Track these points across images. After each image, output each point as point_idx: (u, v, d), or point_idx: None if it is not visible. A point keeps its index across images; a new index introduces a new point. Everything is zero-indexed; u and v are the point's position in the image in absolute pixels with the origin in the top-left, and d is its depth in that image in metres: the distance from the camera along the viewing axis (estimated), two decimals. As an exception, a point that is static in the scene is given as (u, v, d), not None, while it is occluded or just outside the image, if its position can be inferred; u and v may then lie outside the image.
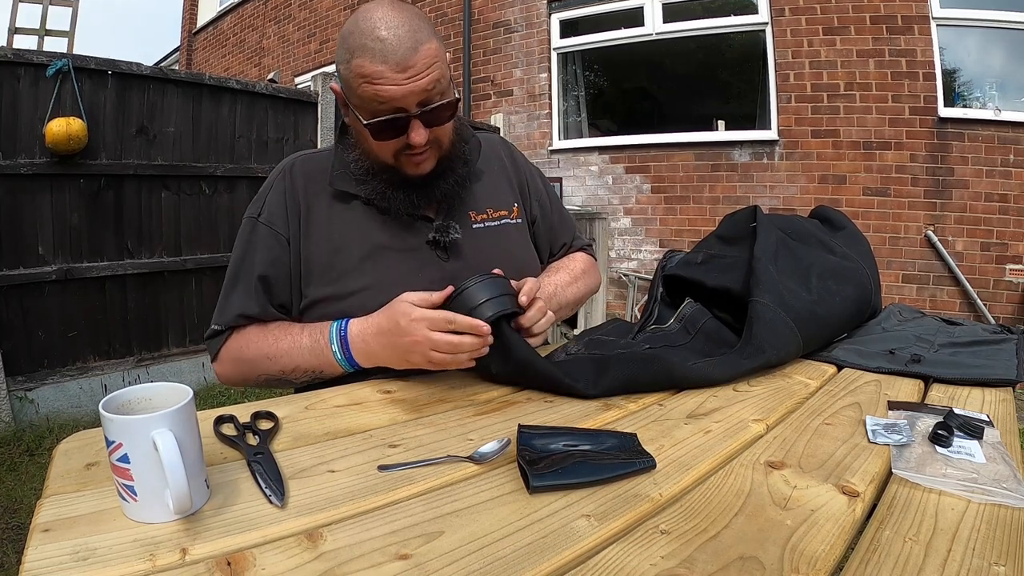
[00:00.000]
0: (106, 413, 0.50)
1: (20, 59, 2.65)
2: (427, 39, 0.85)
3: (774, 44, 4.39)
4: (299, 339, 0.91)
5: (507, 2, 5.53)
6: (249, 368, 0.94)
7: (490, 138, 1.15)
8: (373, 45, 0.82)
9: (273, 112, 3.60)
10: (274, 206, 0.98)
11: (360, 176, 0.96)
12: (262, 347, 0.93)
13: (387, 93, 0.84)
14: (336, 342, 0.88)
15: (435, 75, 0.85)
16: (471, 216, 1.03)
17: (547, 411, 0.79)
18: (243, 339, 0.95)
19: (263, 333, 0.94)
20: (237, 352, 0.95)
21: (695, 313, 1.04)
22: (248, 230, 0.99)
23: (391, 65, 0.82)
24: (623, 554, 0.48)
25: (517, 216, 1.09)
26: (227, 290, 0.97)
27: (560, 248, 1.20)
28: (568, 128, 5.51)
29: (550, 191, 1.20)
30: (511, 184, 1.12)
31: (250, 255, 0.97)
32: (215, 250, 3.37)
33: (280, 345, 0.92)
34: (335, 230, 0.97)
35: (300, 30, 7.60)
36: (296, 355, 0.90)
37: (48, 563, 0.45)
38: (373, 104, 0.86)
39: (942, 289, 4.03)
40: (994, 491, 0.58)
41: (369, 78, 0.84)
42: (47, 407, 2.73)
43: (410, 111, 0.86)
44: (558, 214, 1.19)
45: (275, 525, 0.51)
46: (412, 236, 0.98)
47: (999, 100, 4.00)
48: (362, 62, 0.83)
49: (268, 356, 0.92)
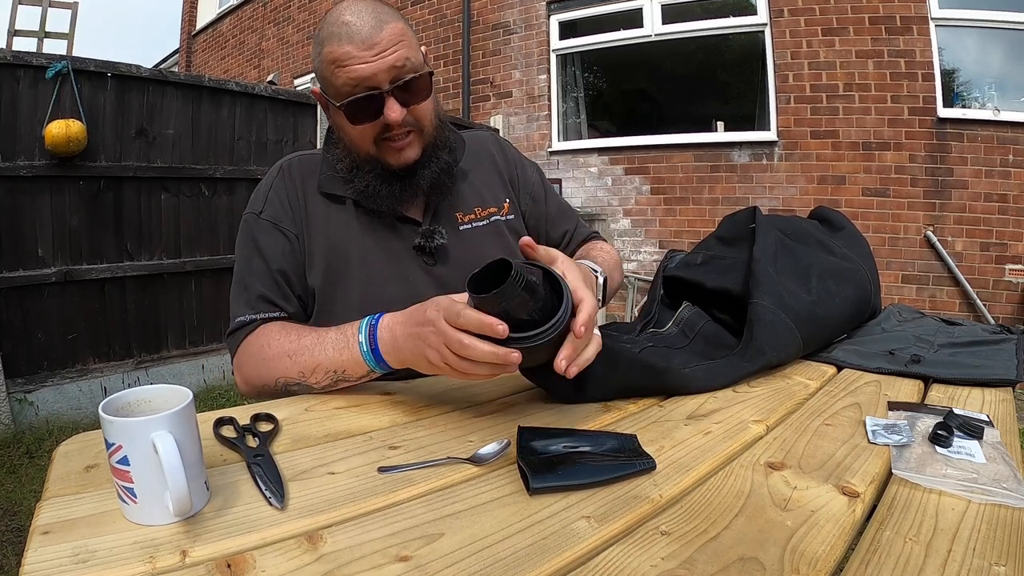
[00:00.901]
0: (106, 415, 0.50)
1: (20, 61, 2.65)
2: (392, 20, 0.87)
3: (773, 45, 4.40)
4: (325, 334, 0.84)
5: (506, 3, 5.53)
6: (267, 370, 0.86)
7: (478, 135, 1.14)
8: (339, 30, 0.86)
9: (272, 114, 3.61)
10: (277, 204, 0.97)
11: (346, 175, 0.96)
12: (284, 344, 0.85)
13: (357, 72, 0.85)
14: (365, 331, 0.79)
15: (403, 52, 0.86)
16: (458, 217, 1.02)
17: (547, 412, 0.79)
18: (266, 336, 0.88)
19: (287, 330, 0.88)
20: (258, 351, 0.88)
21: (693, 316, 1.04)
22: (253, 228, 0.96)
23: (357, 44, 0.84)
24: (623, 555, 0.48)
25: (508, 212, 1.08)
26: (242, 285, 0.93)
27: (563, 237, 1.16)
28: (567, 129, 5.51)
29: (546, 184, 1.18)
30: (502, 179, 1.11)
31: (261, 252, 0.94)
32: (215, 252, 3.37)
33: (303, 341, 0.84)
34: (332, 232, 0.97)
35: (299, 32, 7.61)
36: (318, 351, 0.82)
37: (48, 565, 0.45)
38: (346, 88, 0.87)
39: (942, 289, 4.03)
40: (994, 491, 0.58)
41: (338, 61, 0.86)
42: (47, 409, 2.73)
43: (382, 88, 0.86)
44: (555, 206, 1.17)
45: (275, 527, 0.51)
46: (399, 241, 0.98)
47: (998, 100, 4.01)
48: (331, 48, 0.86)
49: (288, 353, 0.84)
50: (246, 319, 0.91)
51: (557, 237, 1.16)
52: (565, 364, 0.67)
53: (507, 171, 1.12)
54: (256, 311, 0.91)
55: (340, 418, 0.75)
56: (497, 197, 1.08)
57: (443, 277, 0.98)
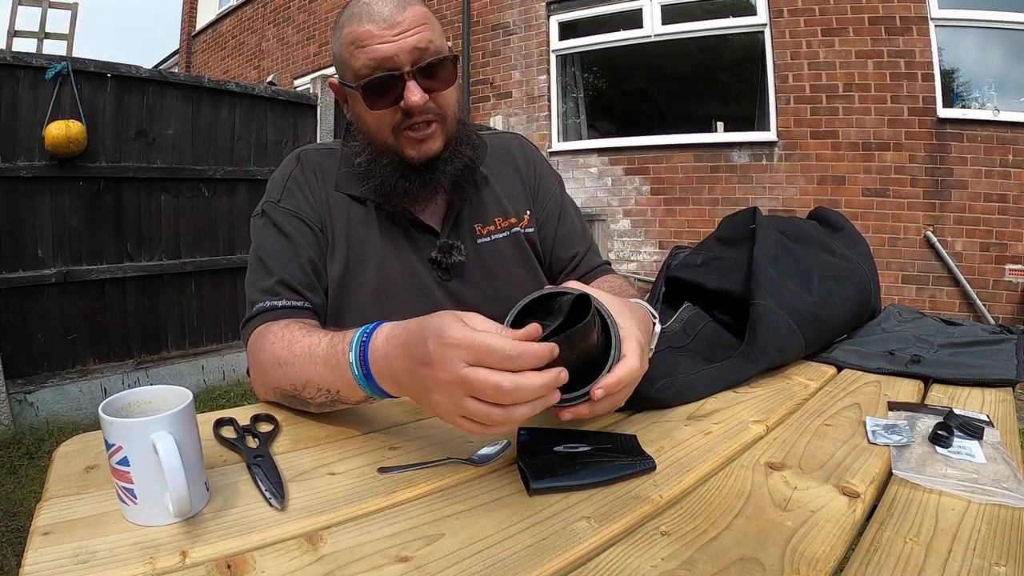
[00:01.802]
0: (106, 416, 0.50)
1: (19, 62, 2.65)
2: (415, 2, 0.84)
3: (773, 45, 4.40)
4: (318, 344, 0.68)
5: (506, 4, 5.53)
6: (264, 378, 0.76)
7: (501, 138, 1.08)
8: (360, 11, 0.83)
9: (272, 115, 3.61)
10: (297, 193, 0.92)
11: (363, 171, 0.90)
12: (277, 350, 0.73)
13: (377, 52, 0.81)
14: (355, 349, 0.62)
15: (426, 34, 0.82)
16: (476, 229, 0.97)
17: (547, 413, 0.78)
18: (262, 337, 0.77)
19: (287, 331, 0.75)
20: (256, 354, 0.78)
21: (693, 317, 1.04)
22: (272, 216, 0.90)
23: (378, 23, 0.81)
24: (623, 555, 0.48)
25: (528, 224, 1.02)
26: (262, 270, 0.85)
27: (572, 259, 1.06)
28: (567, 130, 5.51)
29: (565, 198, 1.09)
30: (524, 187, 1.05)
31: (286, 236, 0.88)
32: (215, 253, 3.37)
33: (295, 348, 0.71)
34: (352, 229, 0.93)
35: (299, 32, 7.61)
36: (307, 364, 0.68)
37: (48, 566, 0.45)
38: (366, 70, 0.83)
39: (941, 289, 4.03)
40: (994, 491, 0.58)
41: (358, 41, 0.82)
42: (47, 410, 2.73)
43: (403, 69, 0.82)
44: (570, 223, 1.07)
45: (275, 528, 0.51)
46: (414, 250, 0.93)
47: (998, 100, 4.01)
48: (351, 28, 0.83)
49: (280, 362, 0.72)
50: (266, 305, 0.81)
51: (566, 258, 1.06)
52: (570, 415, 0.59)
53: (528, 178, 1.06)
54: (278, 297, 0.82)
55: (340, 419, 0.75)
56: (518, 208, 1.02)
57: (458, 293, 0.94)
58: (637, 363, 0.61)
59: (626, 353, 0.61)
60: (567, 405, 0.58)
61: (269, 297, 0.83)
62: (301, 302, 0.84)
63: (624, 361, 0.60)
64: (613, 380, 0.58)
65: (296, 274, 0.86)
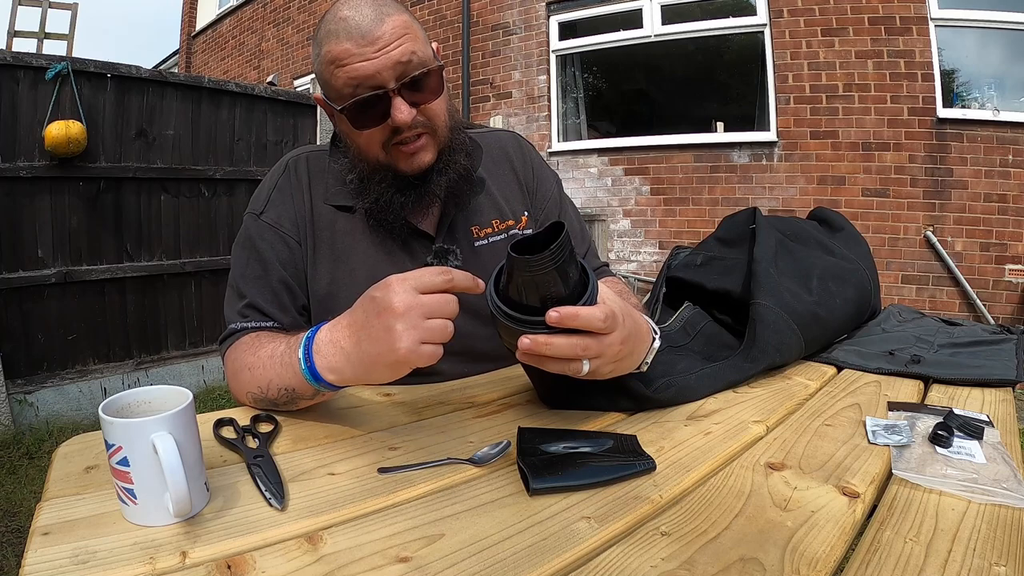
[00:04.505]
0: (106, 416, 0.50)
1: (19, 62, 2.65)
2: (394, 12, 0.80)
3: (773, 45, 4.40)
4: (279, 344, 0.74)
5: (506, 4, 5.54)
6: (238, 384, 0.80)
7: (497, 136, 1.07)
8: (337, 27, 0.79)
9: (272, 115, 3.61)
10: (279, 205, 0.91)
11: (356, 188, 0.89)
12: (246, 356, 0.78)
13: (357, 71, 0.78)
14: (303, 344, 0.67)
15: (408, 46, 0.79)
16: (474, 232, 0.96)
17: (547, 413, 0.79)
18: (239, 348, 0.82)
19: (257, 340, 0.80)
20: (231, 364, 0.82)
21: (694, 316, 1.04)
22: (251, 231, 0.91)
23: (356, 40, 0.77)
24: (624, 556, 0.48)
25: (526, 226, 1.01)
26: (235, 291, 0.89)
27: None
28: (567, 130, 5.51)
29: (564, 198, 1.09)
30: (521, 187, 1.03)
31: (260, 257, 0.89)
32: (215, 253, 3.37)
33: (260, 353, 0.75)
34: (338, 240, 0.92)
35: (299, 33, 7.61)
36: (269, 365, 0.73)
37: (48, 566, 0.45)
38: (347, 90, 0.80)
39: (941, 290, 4.03)
40: (994, 491, 0.58)
41: (337, 61, 0.79)
42: (47, 410, 2.73)
43: (387, 86, 0.79)
44: (567, 224, 1.07)
45: (275, 528, 0.51)
46: (409, 257, 0.92)
47: (998, 100, 4.01)
48: (329, 48, 0.79)
49: (249, 366, 0.76)
50: (237, 327, 0.86)
51: None
52: (528, 342, 0.61)
53: (525, 179, 1.04)
54: (247, 319, 0.87)
55: (340, 419, 0.75)
56: (515, 209, 1.01)
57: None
58: (602, 314, 0.62)
59: (598, 304, 0.63)
60: (525, 328, 0.60)
61: (240, 319, 0.87)
62: (269, 323, 0.87)
63: (591, 308, 0.62)
64: (571, 312, 0.60)
65: (267, 296, 0.88)
